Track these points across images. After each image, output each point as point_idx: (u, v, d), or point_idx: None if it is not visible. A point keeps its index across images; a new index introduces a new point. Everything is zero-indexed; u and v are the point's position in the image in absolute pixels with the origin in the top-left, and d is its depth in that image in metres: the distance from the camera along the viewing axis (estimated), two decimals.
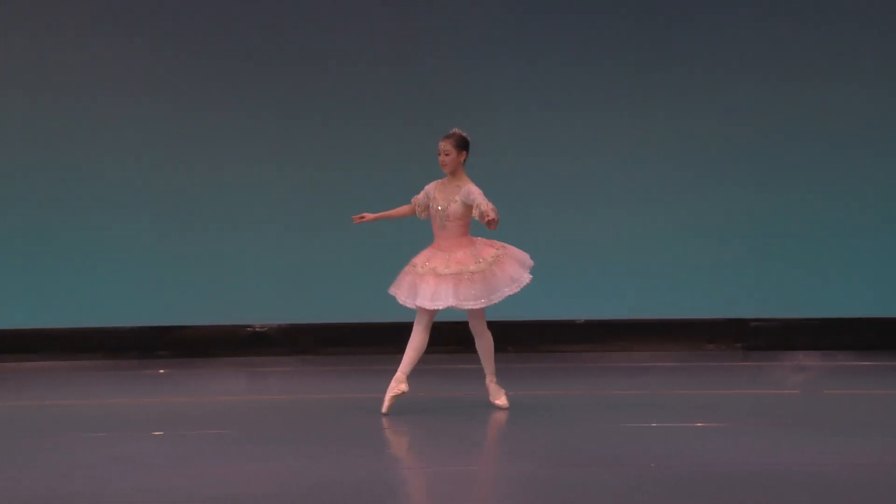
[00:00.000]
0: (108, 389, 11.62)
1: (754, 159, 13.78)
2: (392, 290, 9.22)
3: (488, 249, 9.17)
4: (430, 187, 9.31)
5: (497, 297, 9.08)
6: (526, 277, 9.19)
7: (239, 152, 13.60)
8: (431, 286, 9.01)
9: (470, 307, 9.08)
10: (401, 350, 9.39)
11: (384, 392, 9.42)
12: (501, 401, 9.42)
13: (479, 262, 9.08)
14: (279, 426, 9.18)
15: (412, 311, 9.35)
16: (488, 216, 8.76)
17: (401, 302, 9.19)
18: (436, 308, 9.04)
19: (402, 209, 9.54)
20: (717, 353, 13.73)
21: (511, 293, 9.15)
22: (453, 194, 9.17)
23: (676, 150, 13.80)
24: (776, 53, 13.74)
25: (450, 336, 12.53)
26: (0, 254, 13.31)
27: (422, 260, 9.15)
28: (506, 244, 9.32)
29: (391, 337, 13.46)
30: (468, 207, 9.12)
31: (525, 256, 9.32)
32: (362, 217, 9.51)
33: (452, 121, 13.67)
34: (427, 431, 8.96)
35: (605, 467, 7.46)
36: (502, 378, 9.84)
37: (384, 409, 9.14)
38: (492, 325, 9.50)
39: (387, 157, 13.62)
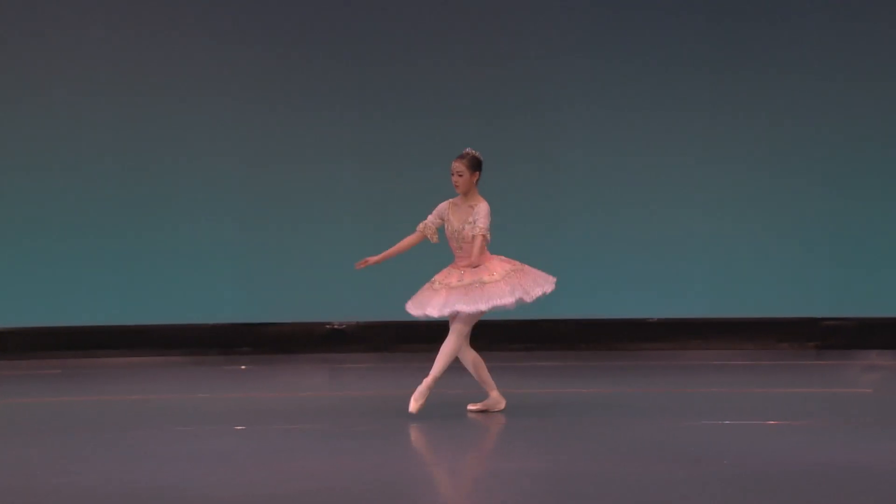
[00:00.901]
0: (193, 385, 11.71)
1: (829, 160, 13.66)
2: (409, 305, 9.16)
3: (501, 265, 9.05)
4: (443, 208, 9.19)
5: (498, 302, 8.91)
6: (537, 290, 9.03)
7: (321, 151, 13.66)
8: (442, 298, 8.92)
9: (471, 310, 8.90)
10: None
11: (462, 389, 9.41)
12: (415, 405, 9.17)
13: (493, 274, 8.98)
14: (358, 421, 9.20)
15: (503, 313, 9.32)
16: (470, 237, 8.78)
17: (408, 311, 9.09)
18: (441, 315, 8.96)
19: (409, 240, 9.33)
20: (790, 351, 13.61)
21: (511, 301, 8.93)
22: (467, 216, 9.06)
23: (752, 150, 13.71)
24: (858, 54, 13.61)
25: (518, 335, 12.54)
26: (90, 252, 13.45)
27: (440, 277, 9.10)
28: (525, 265, 9.16)
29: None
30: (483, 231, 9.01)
31: (545, 275, 9.17)
32: (365, 262, 9.32)
33: (532, 120, 13.71)
34: (505, 428, 8.94)
35: (680, 464, 7.42)
36: (580, 374, 9.79)
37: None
38: (568, 324, 9.49)
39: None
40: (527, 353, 13.19)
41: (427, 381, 9.03)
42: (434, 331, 13.60)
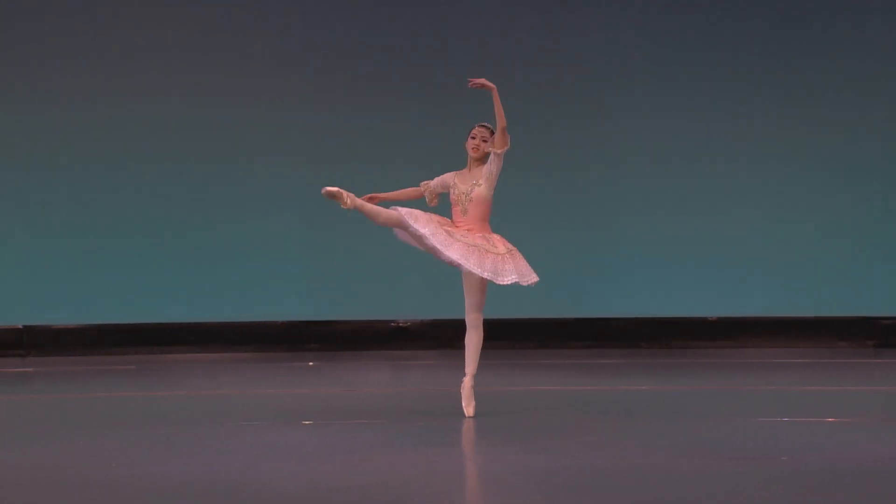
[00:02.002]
0: (261, 380, 11.78)
1: (887, 161, 13.53)
2: (409, 218, 8.79)
3: (502, 243, 8.95)
4: (449, 177, 9.05)
5: (502, 280, 8.69)
6: (533, 277, 8.92)
7: (385, 151, 13.69)
8: (443, 236, 8.71)
9: (472, 270, 8.67)
10: (534, 347, 9.35)
11: (524, 387, 9.39)
12: (470, 409, 9.02)
13: (496, 247, 8.87)
14: (420, 417, 9.21)
15: (564, 311, 9.27)
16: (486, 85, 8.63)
17: (414, 225, 8.75)
18: (440, 254, 8.71)
19: (410, 192, 9.19)
20: (848, 350, 13.49)
21: (515, 282, 8.77)
22: (476, 178, 8.94)
23: (810, 151, 13.62)
24: None
25: (578, 333, 12.51)
26: (160, 251, 13.56)
27: (445, 221, 8.86)
28: (515, 248, 8.96)
29: (528, 333, 13.48)
30: (490, 190, 8.92)
31: (528, 267, 8.96)
32: (372, 197, 9.10)
33: (594, 121, 13.68)
34: (563, 425, 8.93)
35: (739, 461, 7.37)
36: (639, 372, 9.76)
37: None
38: (627, 322, 9.45)
39: (526, 154, 13.64)
40: (586, 351, 13.17)
41: (467, 381, 8.98)
42: (497, 328, 13.61)
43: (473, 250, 8.71)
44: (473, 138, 8.98)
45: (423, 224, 8.75)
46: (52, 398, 10.86)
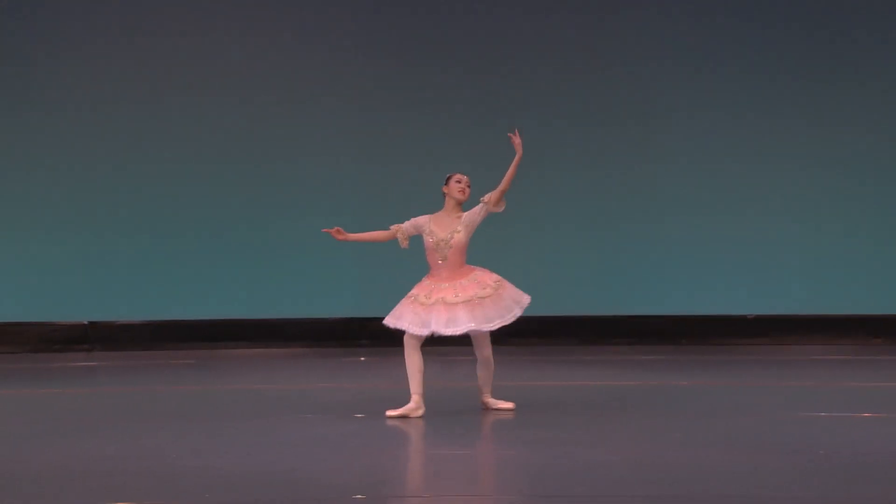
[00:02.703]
0: (314, 375, 11.86)
1: None
2: (391, 322, 8.84)
3: (488, 276, 8.86)
4: (422, 221, 8.92)
5: (510, 318, 8.74)
6: (525, 298, 8.87)
7: (439, 155, 13.73)
8: (444, 314, 8.69)
9: (489, 328, 8.74)
10: (576, 343, 9.36)
11: (567, 381, 9.41)
12: (505, 405, 9.05)
13: (485, 288, 8.81)
14: (466, 412, 9.25)
15: (605, 309, 9.27)
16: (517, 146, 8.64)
17: (410, 331, 8.75)
18: (454, 333, 8.68)
19: (380, 234, 9.09)
20: (884, 347, 13.43)
21: (519, 314, 8.82)
22: (454, 225, 8.83)
23: (848, 151, 13.60)
24: None
25: (620, 330, 12.50)
26: (221, 250, 13.67)
27: (424, 291, 8.79)
28: (498, 276, 8.90)
29: (570, 330, 13.49)
30: (468, 236, 8.83)
31: (518, 292, 8.92)
32: (338, 230, 9.00)
33: (637, 124, 13.68)
34: (604, 419, 8.94)
35: (777, 454, 7.37)
36: (680, 368, 9.75)
37: (390, 414, 8.82)
38: (667, 320, 9.46)
39: (572, 157, 13.72)
40: (629, 347, 13.18)
41: (485, 398, 9.01)
42: (541, 326, 13.64)
43: (475, 307, 8.62)
44: (459, 182, 8.85)
45: (404, 321, 8.69)
46: (116, 391, 11.01)
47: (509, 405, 9.02)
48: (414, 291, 8.87)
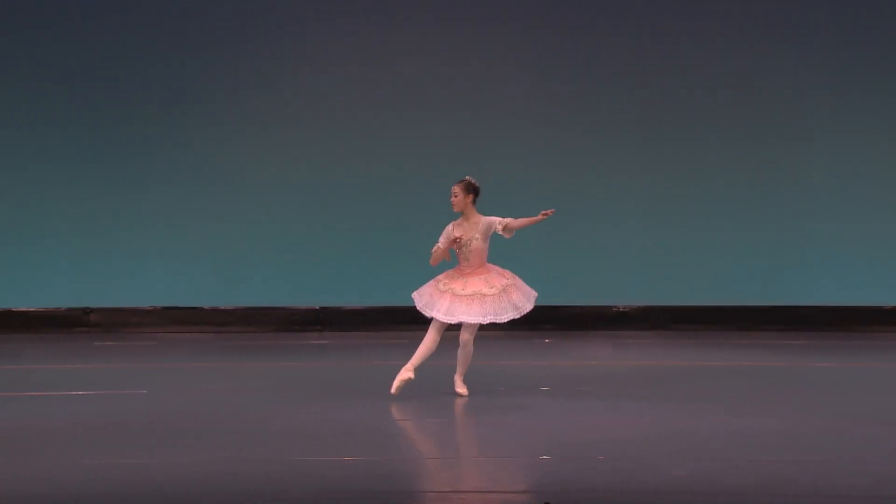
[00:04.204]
0: (505, 354, 11.86)
1: None
2: (415, 295, 8.93)
3: (500, 279, 8.87)
4: (449, 231, 8.92)
5: (502, 319, 8.75)
6: (528, 307, 8.84)
7: (603, 164, 13.76)
8: (446, 303, 8.75)
9: (477, 322, 8.78)
10: (732, 329, 9.29)
11: (723, 362, 9.42)
12: (463, 390, 8.98)
13: (492, 287, 8.84)
14: (638, 386, 9.42)
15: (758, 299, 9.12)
16: (536, 218, 8.73)
17: (418, 308, 8.87)
18: (447, 322, 8.78)
19: (440, 256, 8.95)
20: None
21: (513, 317, 8.78)
22: (472, 232, 8.86)
23: None
24: None
25: (771, 318, 12.32)
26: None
27: (444, 279, 8.89)
28: (516, 276, 8.95)
29: (727, 318, 13.51)
30: (486, 241, 8.87)
31: (531, 291, 8.93)
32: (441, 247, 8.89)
33: (784, 138, 13.60)
34: (752, 394, 9.00)
35: None
36: (825, 351, 9.58)
37: (393, 390, 8.85)
38: (809, 310, 9.14)
39: (731, 166, 13.68)
40: (778, 333, 13.12)
41: (457, 377, 9.04)
42: (699, 314, 13.67)
43: (474, 301, 8.73)
44: (451, 195, 8.92)
45: (422, 300, 8.82)
46: (341, 365, 11.34)
47: (464, 391, 8.97)
48: (439, 276, 8.99)
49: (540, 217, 8.79)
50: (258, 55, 13.81)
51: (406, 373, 8.87)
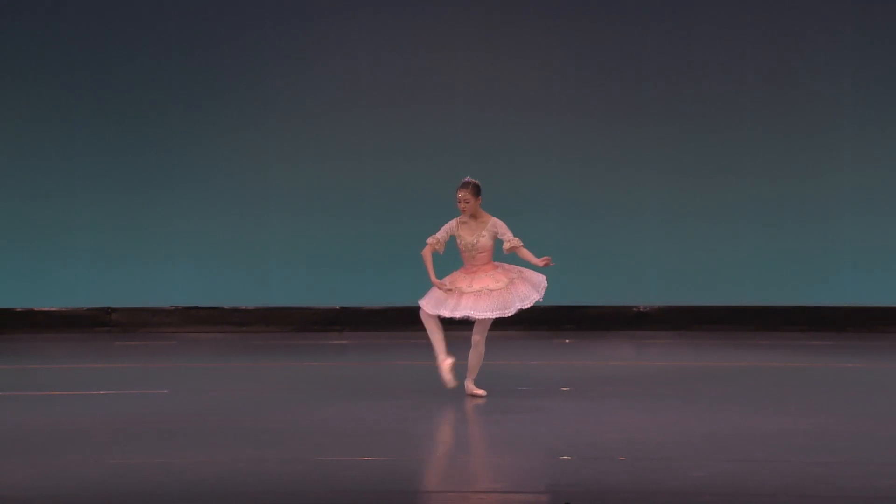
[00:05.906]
0: (525, 354, 11.93)
1: None
2: (421, 302, 8.99)
3: (506, 274, 8.94)
4: (452, 226, 9.04)
5: (509, 312, 8.81)
6: (535, 296, 8.86)
7: (630, 163, 13.75)
8: (454, 300, 8.80)
9: (483, 317, 8.80)
10: (753, 330, 9.22)
11: (744, 363, 9.39)
12: (480, 391, 9.02)
13: (498, 282, 8.86)
14: (659, 386, 9.41)
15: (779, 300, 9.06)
16: (541, 261, 8.78)
17: (426, 308, 8.92)
18: (454, 317, 8.82)
19: (430, 255, 9.01)
20: None
21: (522, 307, 8.82)
22: (479, 230, 8.93)
23: None
24: None
25: (794, 318, 12.30)
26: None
27: (451, 278, 8.96)
28: (522, 269, 9.00)
29: (748, 318, 13.48)
30: (494, 239, 8.95)
31: (539, 279, 8.98)
32: (442, 284, 8.95)
33: (809, 136, 13.56)
34: (779, 393, 8.98)
35: None
36: (847, 352, 9.60)
37: (450, 384, 8.90)
38: (838, 311, 9.15)
39: (755, 165, 13.66)
40: (801, 334, 13.09)
41: (466, 382, 9.06)
42: (719, 314, 13.65)
43: (482, 297, 8.79)
44: (459, 202, 8.97)
45: (430, 304, 8.86)
46: (362, 365, 11.41)
47: (481, 392, 9.02)
48: (445, 278, 9.01)
49: (541, 262, 8.82)
50: (286, 50, 13.75)
51: (445, 361, 8.89)
